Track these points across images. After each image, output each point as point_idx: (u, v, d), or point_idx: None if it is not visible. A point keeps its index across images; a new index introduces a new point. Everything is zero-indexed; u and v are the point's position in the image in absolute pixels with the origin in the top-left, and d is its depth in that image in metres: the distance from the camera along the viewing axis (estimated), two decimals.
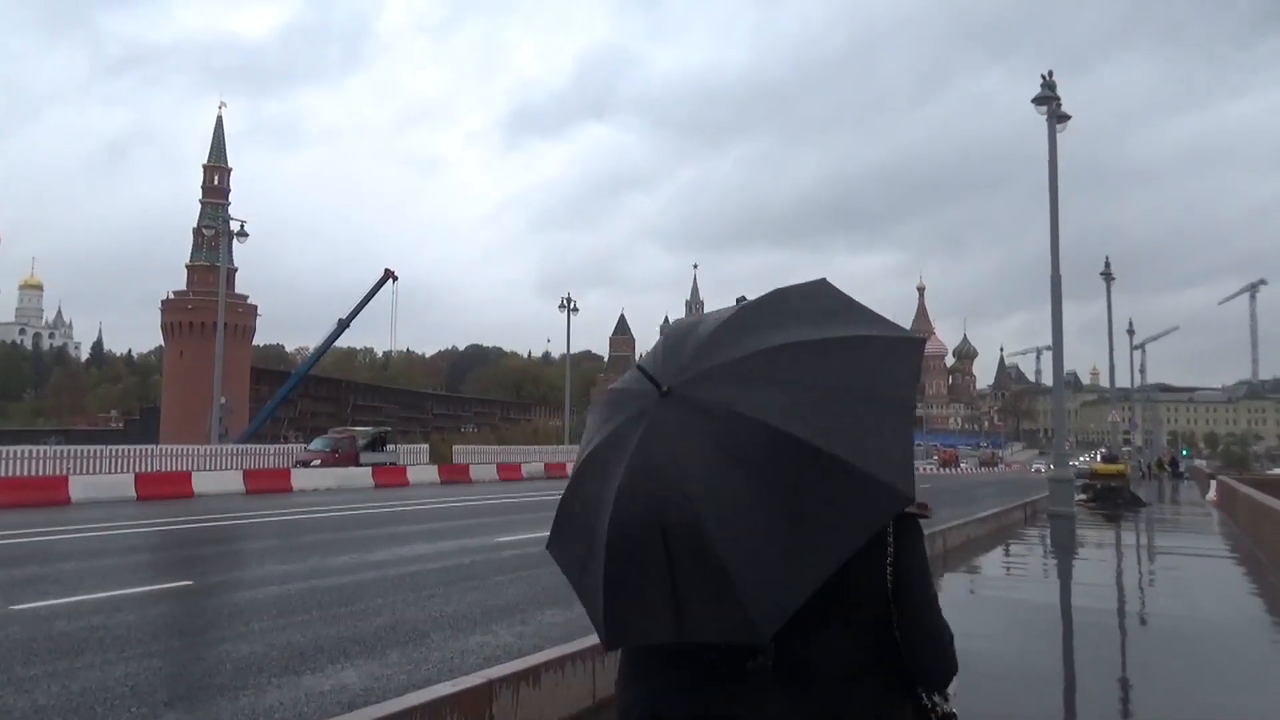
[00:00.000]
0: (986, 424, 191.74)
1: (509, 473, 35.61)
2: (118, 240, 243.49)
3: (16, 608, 7.94)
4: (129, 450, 31.86)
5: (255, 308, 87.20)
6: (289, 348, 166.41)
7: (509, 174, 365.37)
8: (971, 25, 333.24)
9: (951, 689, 1.67)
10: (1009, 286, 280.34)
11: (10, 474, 25.34)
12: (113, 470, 27.90)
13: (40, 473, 26.16)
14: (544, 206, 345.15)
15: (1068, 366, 22.77)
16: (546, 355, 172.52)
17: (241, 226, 42.00)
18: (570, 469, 1.82)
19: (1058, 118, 20.05)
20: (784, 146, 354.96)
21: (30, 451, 28.74)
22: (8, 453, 27.55)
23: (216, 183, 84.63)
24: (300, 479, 27.35)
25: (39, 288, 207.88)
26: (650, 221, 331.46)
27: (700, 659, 1.52)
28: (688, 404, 1.47)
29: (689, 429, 1.44)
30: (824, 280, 1.70)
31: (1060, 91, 19.89)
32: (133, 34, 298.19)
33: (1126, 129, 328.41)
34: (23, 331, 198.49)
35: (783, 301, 1.63)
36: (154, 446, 36.46)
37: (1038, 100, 19.99)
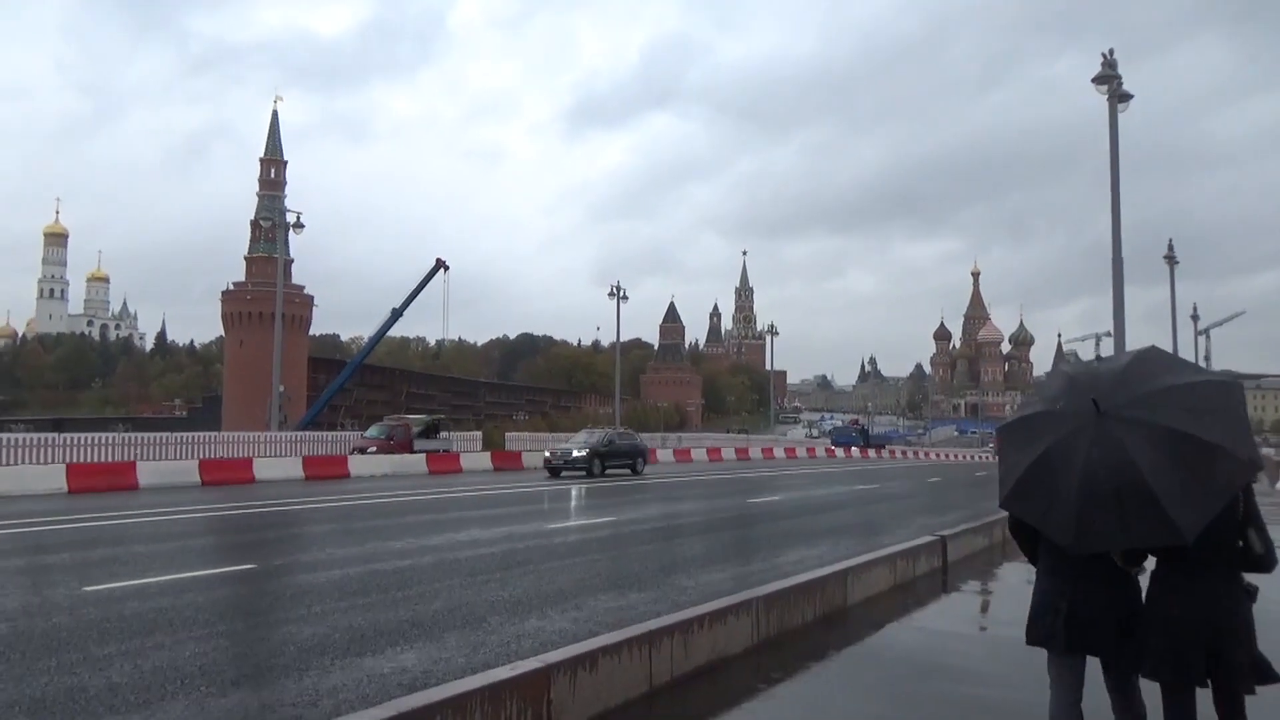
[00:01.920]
0: None
1: None
2: (186, 234, 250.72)
3: (90, 589, 8.22)
4: (193, 437, 32.74)
5: (311, 298, 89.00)
6: (344, 337, 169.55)
7: (570, 164, 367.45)
8: (1043, 9, 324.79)
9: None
10: (1071, 273, 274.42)
11: (81, 460, 26.18)
12: (178, 457, 28.69)
13: (110, 459, 27.00)
14: (603, 196, 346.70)
15: None
16: (596, 344, 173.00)
17: (298, 218, 42.66)
18: None
19: (1119, 97, 19.54)
20: (846, 134, 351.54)
21: (100, 439, 29.65)
22: (79, 440, 28.48)
23: (273, 176, 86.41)
24: (357, 465, 27.85)
25: (105, 280, 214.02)
26: (708, 210, 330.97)
27: (1098, 568, 3.47)
28: (1120, 418, 3.23)
29: (1126, 433, 3.18)
30: (1156, 346, 3.72)
31: (1132, 74, 19.42)
32: (215, 34, 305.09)
33: (1199, 112, 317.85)
34: (90, 323, 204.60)
35: (1153, 359, 3.55)
36: (216, 434, 37.40)
37: (1098, 79, 19.49)
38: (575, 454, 28.16)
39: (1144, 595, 3.52)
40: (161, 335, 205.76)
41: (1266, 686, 3.30)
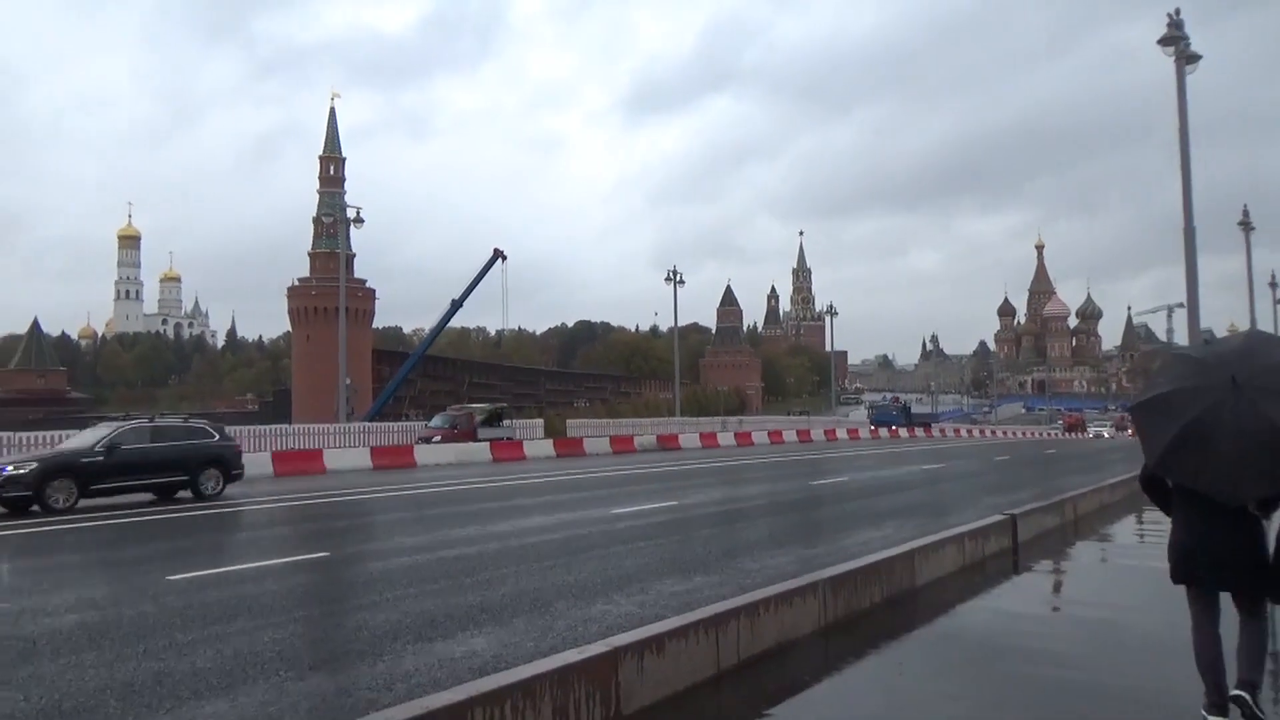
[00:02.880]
0: (1115, 386, 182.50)
1: (622, 445, 36.01)
2: (255, 233, 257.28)
3: (172, 578, 8.51)
4: (265, 430, 33.63)
5: (373, 292, 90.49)
6: (406, 329, 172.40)
7: (629, 151, 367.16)
8: None
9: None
10: (1141, 244, 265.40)
11: None
12: (251, 449, 29.44)
13: None
14: (661, 182, 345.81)
15: (1204, 323, 21.45)
16: (654, 329, 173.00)
17: (357, 213, 43.47)
18: (681, 440, 14.91)
19: (1186, 58, 18.81)
20: (909, 109, 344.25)
21: None
22: None
23: (332, 173, 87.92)
24: (423, 455, 28.34)
25: (177, 280, 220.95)
26: (766, 191, 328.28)
27: (1225, 519, 4.19)
28: (1255, 388, 4.01)
29: (1262, 399, 3.97)
30: (1258, 328, 9.50)
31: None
32: (282, 36, 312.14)
33: (1277, 72, 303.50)
34: (164, 322, 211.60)
35: (1266, 339, 4.52)
36: (287, 426, 38.32)
37: (1164, 41, 18.81)
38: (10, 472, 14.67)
39: (1271, 537, 4.33)
40: (232, 332, 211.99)
41: None
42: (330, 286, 75.46)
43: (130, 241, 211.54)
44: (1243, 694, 4.27)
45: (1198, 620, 4.46)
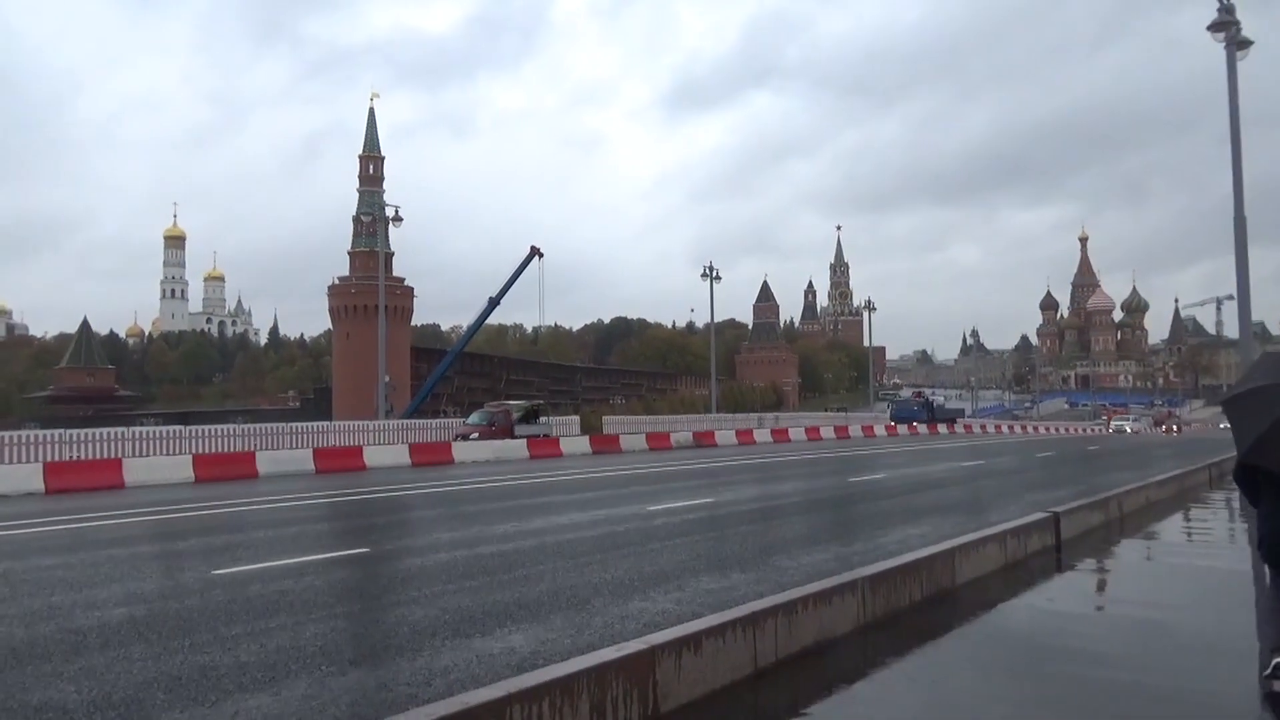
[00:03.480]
0: (1161, 381, 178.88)
1: (658, 442, 36.02)
2: (299, 232, 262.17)
3: (217, 573, 8.67)
4: (306, 427, 34.17)
5: (411, 290, 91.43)
6: (444, 327, 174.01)
7: (670, 147, 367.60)
8: None
9: None
10: (1191, 235, 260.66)
11: (205, 451, 27.62)
12: (293, 446, 29.96)
13: (230, 449, 28.40)
14: (702, 178, 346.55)
15: (1255, 316, 20.98)
16: (691, 325, 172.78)
17: (396, 212, 43.88)
18: (717, 437, 32.63)
19: (1238, 44, 18.36)
20: (953, 103, 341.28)
21: (222, 430, 31.23)
22: (203, 431, 30.07)
23: (372, 172, 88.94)
24: (460, 452, 28.58)
25: (221, 279, 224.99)
26: (807, 187, 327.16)
27: None
28: None
29: None
30: None
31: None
32: (329, 37, 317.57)
33: None
34: (209, 321, 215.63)
35: None
36: (328, 423, 38.89)
37: (1214, 26, 18.35)
38: None
39: None
40: (274, 330, 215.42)
41: None
42: (370, 285, 76.38)
43: (176, 241, 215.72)
44: None
45: (1267, 598, 5.01)
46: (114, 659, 5.72)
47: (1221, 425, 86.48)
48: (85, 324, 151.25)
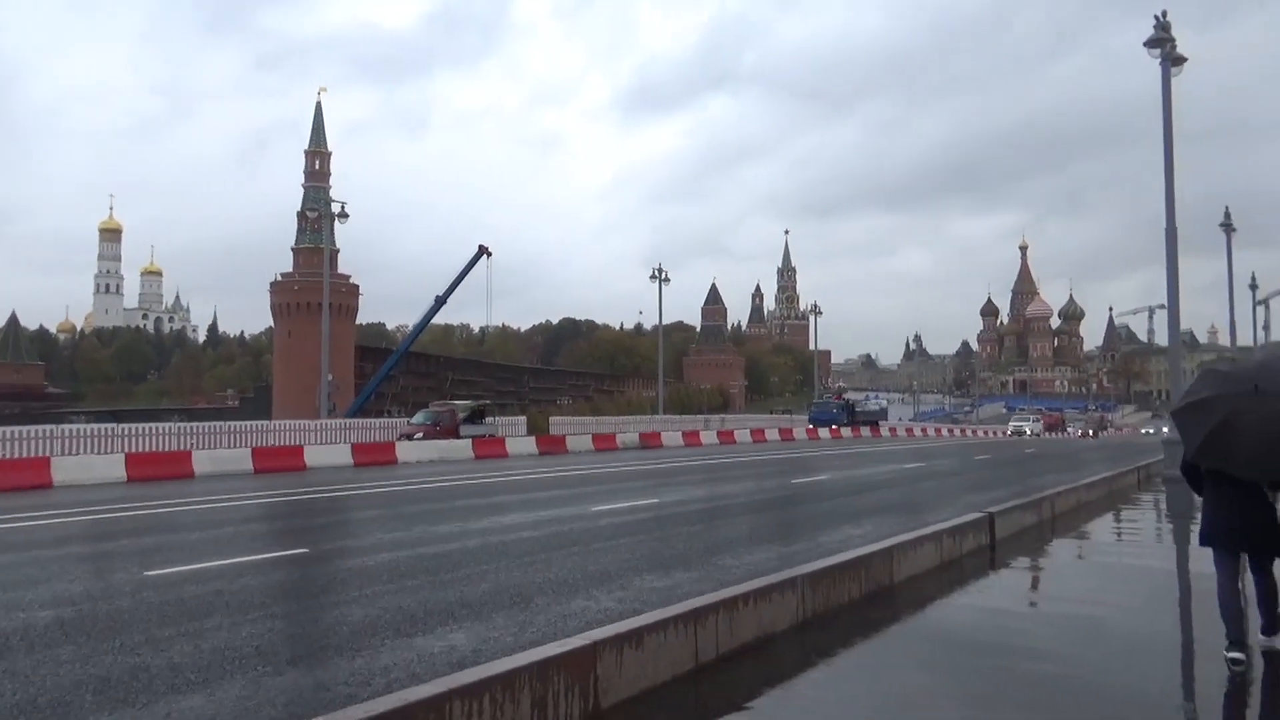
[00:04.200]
0: (1095, 386, 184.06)
1: (604, 443, 36.01)
2: (242, 228, 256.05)
3: (150, 573, 8.46)
4: (245, 426, 33.45)
5: (357, 287, 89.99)
6: (390, 325, 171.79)
7: (627, 149, 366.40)
8: None
9: None
10: (1130, 245, 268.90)
11: (139, 450, 26.88)
12: (231, 445, 29.33)
13: (165, 448, 27.69)
14: (658, 180, 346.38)
15: (1185, 324, 21.65)
16: (639, 327, 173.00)
17: (342, 208, 43.29)
18: (664, 438, 32.47)
19: (1172, 60, 19.00)
20: (907, 111, 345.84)
21: (157, 429, 30.42)
22: (137, 430, 29.26)
23: (318, 167, 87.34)
24: (404, 451, 28.23)
25: (159, 274, 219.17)
26: (762, 191, 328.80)
27: (1245, 499, 5.42)
28: (1273, 395, 5.22)
29: (1273, 401, 5.19)
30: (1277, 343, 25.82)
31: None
32: (285, 30, 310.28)
33: (1269, 78, 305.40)
34: (145, 316, 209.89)
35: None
36: (268, 422, 38.11)
37: (1151, 43, 18.97)
38: None
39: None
40: (214, 327, 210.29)
41: None
42: (314, 282, 75.04)
43: (112, 235, 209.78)
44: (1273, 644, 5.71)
45: (1221, 576, 5.65)
46: (40, 661, 5.55)
47: (1144, 430, 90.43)
48: (13, 318, 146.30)
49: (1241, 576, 5.73)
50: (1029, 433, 65.97)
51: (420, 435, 33.60)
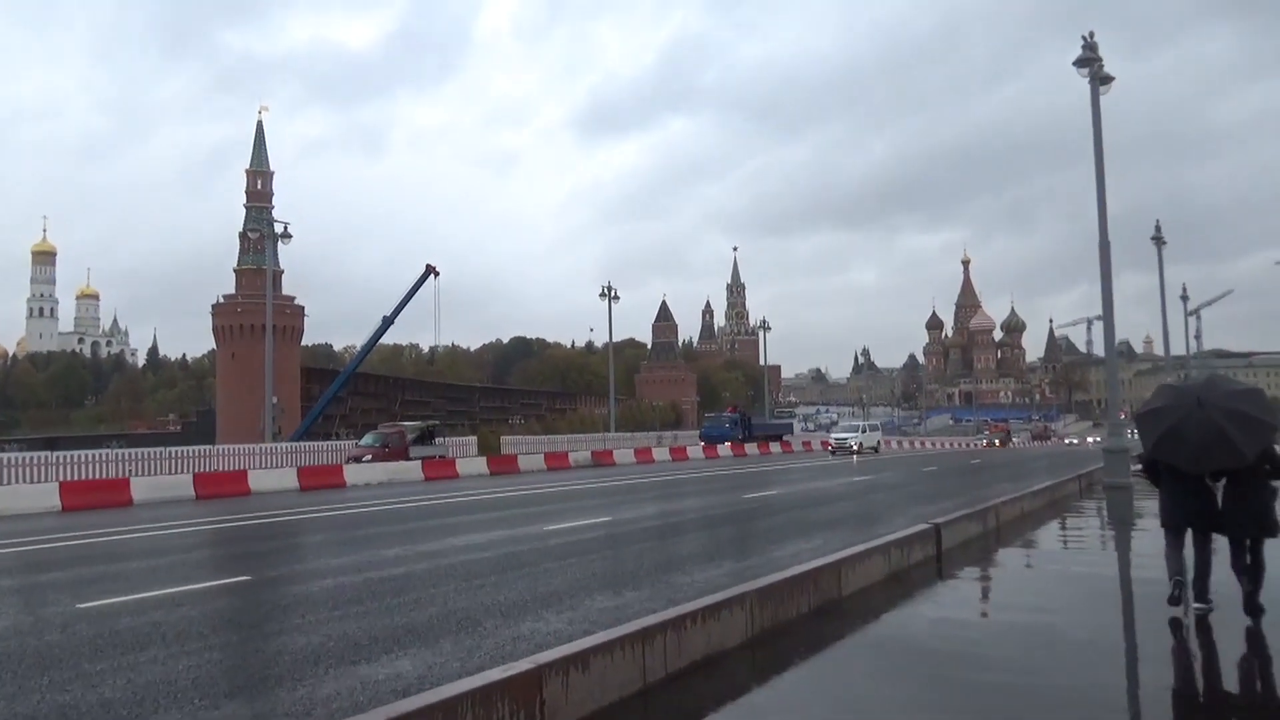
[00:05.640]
0: (1038, 396, 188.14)
1: (557, 462, 35.83)
2: (183, 250, 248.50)
3: (83, 605, 8.17)
4: (187, 452, 32.64)
5: (302, 309, 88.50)
6: (337, 346, 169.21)
7: (584, 167, 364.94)
8: (1055, 4, 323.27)
9: None
10: (1070, 259, 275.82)
11: (75, 478, 26.07)
12: (172, 471, 28.59)
13: (103, 475, 26.88)
14: (612, 198, 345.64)
15: (1120, 336, 22.18)
16: (590, 345, 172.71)
17: (285, 228, 42.60)
18: (616, 456, 34.45)
19: (1100, 79, 19.57)
20: (859, 131, 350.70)
21: (93, 456, 29.55)
22: (72, 457, 28.37)
23: (260, 187, 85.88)
24: (352, 474, 27.77)
25: (95, 297, 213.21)
26: (716, 209, 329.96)
27: (1191, 487, 7.23)
28: (1213, 406, 6.95)
29: (1216, 414, 6.89)
30: (1217, 371, 14.38)
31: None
32: (244, 49, 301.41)
33: (1205, 99, 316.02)
34: (81, 340, 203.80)
35: (1221, 377, 7.83)
36: (210, 447, 37.27)
37: (1079, 62, 19.53)
38: None
39: (1219, 498, 7.16)
40: (153, 351, 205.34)
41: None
42: (257, 304, 73.75)
43: (45, 257, 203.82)
44: (1202, 606, 7.23)
45: (1169, 548, 7.42)
46: None
47: (1068, 441, 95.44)
48: None
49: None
50: (854, 446, 47.04)
51: (369, 457, 33.11)
